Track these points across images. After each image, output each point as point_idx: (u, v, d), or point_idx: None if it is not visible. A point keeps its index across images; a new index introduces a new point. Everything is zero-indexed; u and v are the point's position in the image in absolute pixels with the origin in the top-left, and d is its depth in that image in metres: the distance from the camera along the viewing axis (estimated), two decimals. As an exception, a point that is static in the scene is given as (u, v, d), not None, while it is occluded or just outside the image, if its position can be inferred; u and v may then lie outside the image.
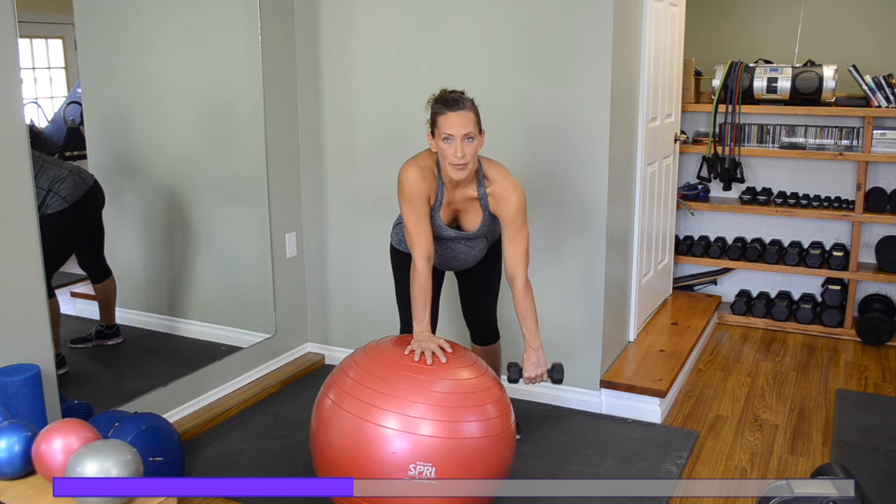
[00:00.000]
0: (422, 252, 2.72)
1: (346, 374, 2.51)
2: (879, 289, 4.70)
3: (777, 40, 5.00)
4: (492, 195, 2.78)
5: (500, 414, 2.48)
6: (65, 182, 3.24)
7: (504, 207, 2.77)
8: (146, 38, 3.81)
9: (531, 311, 2.80)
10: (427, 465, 2.32)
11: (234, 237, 4.00)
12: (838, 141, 4.57)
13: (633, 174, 3.90)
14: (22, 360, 2.60)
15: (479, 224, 2.85)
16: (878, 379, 4.05)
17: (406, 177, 2.72)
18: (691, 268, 5.02)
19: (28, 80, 3.40)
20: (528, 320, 2.80)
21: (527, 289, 2.79)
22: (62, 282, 3.59)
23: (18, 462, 2.08)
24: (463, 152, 2.61)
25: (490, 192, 2.78)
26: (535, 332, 2.81)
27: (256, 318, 3.95)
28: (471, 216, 2.85)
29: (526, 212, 2.80)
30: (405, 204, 2.74)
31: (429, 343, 2.54)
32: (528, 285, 2.80)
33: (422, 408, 2.35)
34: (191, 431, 3.35)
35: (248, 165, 3.91)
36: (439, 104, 2.66)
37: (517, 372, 2.78)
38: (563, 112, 3.45)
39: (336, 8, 3.81)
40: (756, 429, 3.51)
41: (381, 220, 3.76)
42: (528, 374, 2.80)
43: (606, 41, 3.33)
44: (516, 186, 2.77)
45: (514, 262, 2.78)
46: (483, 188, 2.78)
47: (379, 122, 3.82)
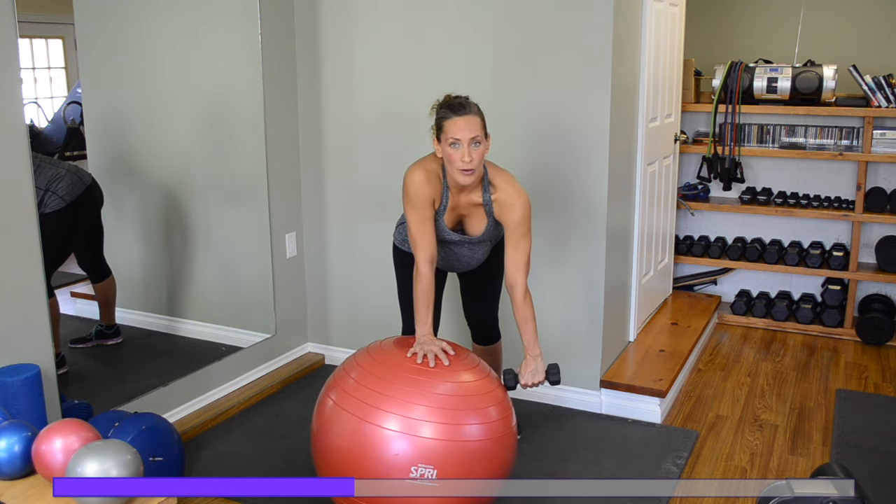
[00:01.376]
0: (425, 255, 2.71)
1: (348, 374, 2.50)
2: (879, 289, 4.70)
3: (777, 40, 5.00)
4: (496, 202, 2.77)
5: (501, 416, 2.47)
6: (62, 181, 3.24)
7: (508, 214, 2.76)
8: (146, 38, 3.81)
9: (530, 319, 2.79)
10: (429, 468, 2.31)
11: (234, 237, 4.00)
12: (838, 141, 4.57)
13: (633, 174, 3.90)
14: (22, 360, 2.59)
15: (483, 229, 2.85)
16: (878, 379, 4.05)
17: (411, 180, 2.72)
18: (691, 268, 5.02)
19: (28, 80, 3.40)
20: (527, 328, 2.79)
21: (526, 297, 2.78)
22: (62, 282, 3.59)
23: (18, 462, 2.08)
24: (470, 156, 2.60)
25: (495, 198, 2.77)
26: (534, 340, 2.80)
27: (256, 318, 3.95)
28: (475, 221, 2.85)
29: (530, 220, 2.79)
30: (409, 207, 2.73)
31: (431, 346, 2.54)
32: (528, 294, 2.79)
33: (423, 410, 2.34)
34: (191, 431, 3.35)
35: (248, 165, 3.91)
36: (445, 109, 2.65)
37: (513, 379, 2.77)
38: (563, 112, 3.45)
39: (336, 8, 3.81)
40: (756, 429, 3.51)
41: (381, 219, 3.77)
42: (525, 381, 2.79)
43: (606, 41, 3.33)
44: (521, 194, 2.76)
45: (515, 271, 2.77)
46: (488, 194, 2.77)
47: (379, 122, 3.82)
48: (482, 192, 2.77)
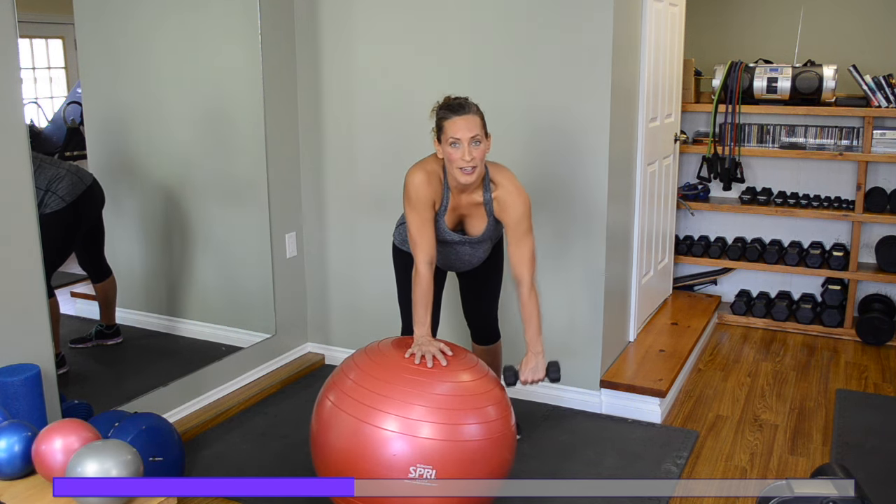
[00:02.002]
0: (424, 256, 2.72)
1: (347, 375, 2.50)
2: (879, 289, 4.70)
3: (777, 40, 5.00)
4: (497, 200, 2.78)
5: (500, 416, 2.47)
6: (62, 181, 3.24)
7: (508, 212, 2.77)
8: (146, 38, 3.81)
9: (535, 315, 2.79)
10: (427, 468, 2.31)
11: (234, 237, 4.00)
12: (838, 141, 4.57)
13: (633, 174, 3.90)
14: (22, 360, 2.59)
15: (483, 229, 2.86)
16: (878, 379, 4.05)
17: (412, 181, 2.73)
18: (691, 268, 5.02)
19: (28, 80, 3.40)
20: (530, 324, 2.80)
21: (531, 293, 2.79)
22: (62, 282, 3.59)
23: (18, 462, 2.08)
24: (471, 156, 2.61)
25: (495, 196, 2.78)
26: (537, 336, 2.80)
27: (256, 318, 3.95)
28: (476, 221, 2.85)
29: (530, 218, 2.79)
30: (410, 208, 2.74)
31: (429, 346, 2.54)
32: (533, 290, 2.79)
33: (422, 410, 2.34)
34: (191, 431, 3.35)
35: (248, 165, 3.91)
36: (445, 110, 2.67)
37: (513, 376, 2.77)
38: (564, 112, 3.45)
39: (336, 8, 3.81)
40: (756, 429, 3.51)
41: (381, 219, 3.76)
42: (524, 378, 2.80)
43: (606, 41, 3.33)
44: (521, 193, 2.77)
45: (519, 267, 2.78)
46: (489, 193, 2.78)
47: (379, 122, 3.82)
48: (483, 192, 2.78)
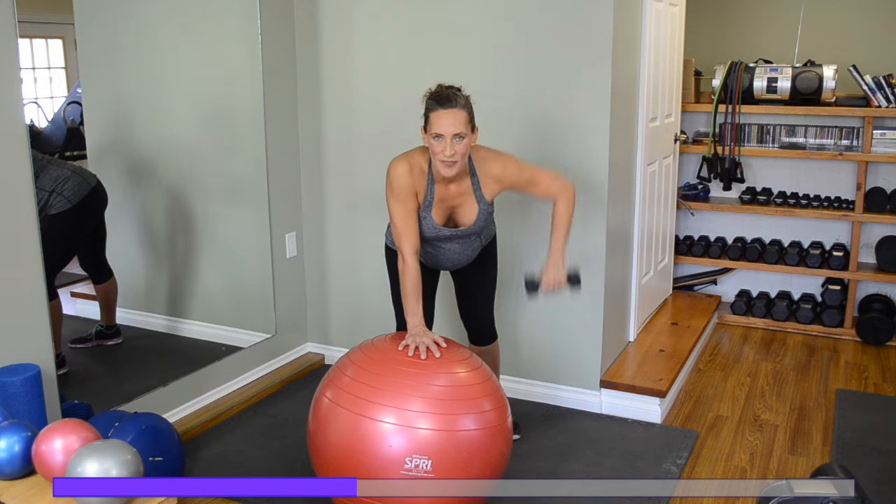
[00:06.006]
0: (409, 246, 2.73)
1: (343, 372, 2.52)
2: (879, 289, 4.70)
3: (777, 40, 5.00)
4: (484, 173, 2.79)
5: (495, 407, 2.50)
6: (68, 182, 3.24)
7: (505, 175, 2.81)
8: (146, 38, 3.81)
9: (563, 222, 2.85)
10: (423, 458, 2.32)
11: (234, 237, 4.00)
12: (838, 141, 4.57)
13: (633, 174, 3.90)
14: (22, 360, 2.60)
15: (474, 217, 2.85)
16: (878, 379, 4.05)
17: (394, 171, 2.74)
18: (691, 268, 5.02)
19: (28, 80, 3.40)
20: (557, 230, 2.85)
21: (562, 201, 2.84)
22: (63, 282, 3.59)
23: (18, 462, 2.08)
24: (453, 150, 2.63)
25: (480, 174, 2.79)
26: (560, 242, 2.84)
27: (256, 318, 3.95)
28: (466, 210, 2.85)
29: (527, 164, 2.85)
30: (392, 198, 2.75)
31: (423, 338, 2.55)
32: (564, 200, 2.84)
33: (417, 402, 2.37)
34: (191, 431, 3.35)
35: (248, 165, 3.91)
36: (432, 100, 2.67)
37: (534, 284, 2.75)
38: (563, 112, 3.45)
39: (336, 8, 3.81)
40: (756, 429, 3.51)
41: (380, 219, 3.75)
42: (546, 281, 2.81)
43: (606, 41, 3.33)
44: (500, 154, 2.82)
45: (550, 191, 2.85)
46: (476, 177, 2.80)
47: (379, 122, 3.82)
48: (470, 177, 2.79)
